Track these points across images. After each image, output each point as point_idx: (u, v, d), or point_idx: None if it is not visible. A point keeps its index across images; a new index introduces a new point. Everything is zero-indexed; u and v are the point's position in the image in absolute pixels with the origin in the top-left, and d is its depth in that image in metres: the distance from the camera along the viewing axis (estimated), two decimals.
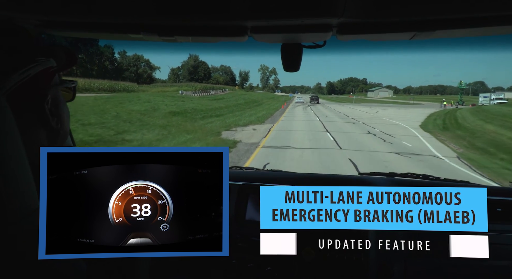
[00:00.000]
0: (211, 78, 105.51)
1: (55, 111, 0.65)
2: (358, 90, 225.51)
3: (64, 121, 0.69)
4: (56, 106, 0.66)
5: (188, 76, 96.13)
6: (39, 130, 0.63)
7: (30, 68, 0.58)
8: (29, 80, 0.58)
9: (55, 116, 0.65)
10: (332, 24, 0.99)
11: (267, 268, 1.61)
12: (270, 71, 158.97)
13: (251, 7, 0.90)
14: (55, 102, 0.66)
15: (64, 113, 0.69)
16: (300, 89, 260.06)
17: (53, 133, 0.66)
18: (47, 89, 0.63)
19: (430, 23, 0.94)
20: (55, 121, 0.65)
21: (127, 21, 1.05)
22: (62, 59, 0.66)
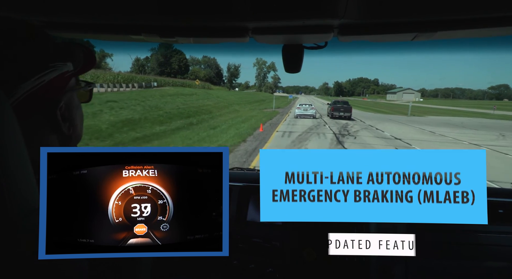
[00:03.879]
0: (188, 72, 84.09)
1: (67, 116, 0.63)
2: (369, 91, 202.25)
3: (76, 126, 0.67)
4: (69, 111, 0.64)
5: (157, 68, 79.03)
6: (50, 135, 0.61)
7: (44, 75, 0.56)
8: (43, 86, 0.56)
9: (67, 122, 0.63)
10: (334, 25, 0.99)
11: (268, 269, 1.61)
12: (268, 66, 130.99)
13: (253, 8, 0.90)
14: (68, 107, 0.63)
15: (77, 117, 0.67)
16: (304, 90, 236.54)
17: (65, 138, 0.64)
18: (61, 95, 0.61)
19: (431, 24, 0.94)
20: (67, 126, 0.63)
21: (128, 22, 1.05)
22: (80, 61, 0.64)
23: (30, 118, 0.56)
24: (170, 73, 77.15)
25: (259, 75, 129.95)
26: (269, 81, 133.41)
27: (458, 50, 1.59)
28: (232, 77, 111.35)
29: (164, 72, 79.81)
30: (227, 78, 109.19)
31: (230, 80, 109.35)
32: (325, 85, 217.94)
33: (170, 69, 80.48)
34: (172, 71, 79.59)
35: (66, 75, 0.61)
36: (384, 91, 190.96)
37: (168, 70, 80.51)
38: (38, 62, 0.57)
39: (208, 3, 0.88)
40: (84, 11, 0.94)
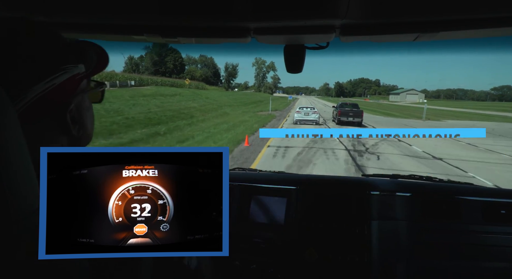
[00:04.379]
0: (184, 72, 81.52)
1: (77, 119, 0.63)
2: (370, 92, 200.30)
3: (86, 128, 0.66)
4: (79, 113, 0.63)
5: (152, 67, 74.54)
6: (60, 138, 0.61)
7: (55, 78, 0.56)
8: (53, 90, 0.55)
9: (77, 124, 0.63)
10: (335, 25, 0.99)
11: (270, 269, 1.61)
12: (267, 66, 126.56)
13: (254, 8, 0.90)
14: (78, 109, 0.63)
15: (88, 119, 0.67)
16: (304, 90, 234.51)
17: (74, 140, 0.63)
18: (72, 97, 0.60)
19: (433, 24, 0.93)
20: (77, 128, 0.63)
21: (130, 23, 1.05)
22: (92, 62, 0.63)
23: (39, 121, 0.56)
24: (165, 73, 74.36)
25: (258, 75, 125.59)
26: (269, 81, 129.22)
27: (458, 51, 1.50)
28: (230, 77, 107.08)
29: (158, 71, 77.62)
30: (225, 77, 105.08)
31: (227, 80, 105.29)
32: (326, 86, 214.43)
33: (165, 69, 77.86)
34: (167, 70, 76.63)
35: (77, 77, 0.60)
36: (385, 92, 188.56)
37: (163, 69, 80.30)
38: (49, 64, 0.56)
39: (210, 4, 0.88)
40: (86, 11, 0.95)
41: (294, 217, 1.70)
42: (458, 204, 1.67)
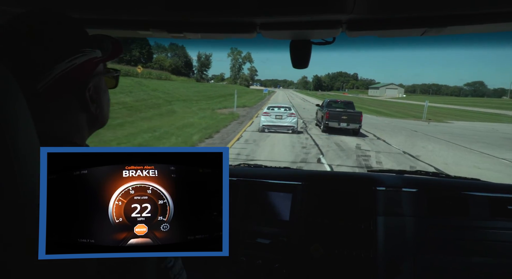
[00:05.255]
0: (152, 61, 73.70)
1: (95, 98, 0.70)
2: (348, 86, 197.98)
3: (103, 107, 0.73)
4: (97, 93, 0.71)
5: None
6: (80, 113, 0.68)
7: (75, 58, 0.63)
8: (74, 69, 0.63)
9: (95, 103, 0.70)
10: (342, 21, 0.99)
11: (275, 265, 1.62)
12: (244, 57, 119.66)
13: (260, 3, 0.90)
14: (96, 89, 0.70)
15: (104, 100, 0.74)
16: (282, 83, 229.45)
17: (92, 117, 0.70)
18: (90, 78, 0.68)
19: (441, 19, 0.92)
20: (95, 106, 0.70)
21: (137, 18, 1.07)
22: (108, 49, 0.69)
23: (61, 97, 0.64)
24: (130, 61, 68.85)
25: (234, 66, 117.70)
26: (245, 73, 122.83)
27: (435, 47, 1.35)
28: (203, 68, 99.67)
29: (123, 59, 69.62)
30: (197, 68, 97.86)
31: (200, 70, 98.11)
32: (304, 79, 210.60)
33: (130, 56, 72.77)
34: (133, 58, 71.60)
35: (95, 60, 0.67)
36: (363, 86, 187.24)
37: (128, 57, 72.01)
38: (71, 47, 0.63)
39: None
40: (92, 6, 0.96)
41: (300, 213, 1.71)
42: (464, 199, 1.68)
